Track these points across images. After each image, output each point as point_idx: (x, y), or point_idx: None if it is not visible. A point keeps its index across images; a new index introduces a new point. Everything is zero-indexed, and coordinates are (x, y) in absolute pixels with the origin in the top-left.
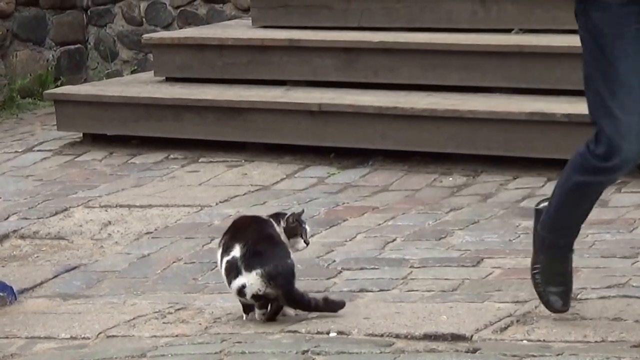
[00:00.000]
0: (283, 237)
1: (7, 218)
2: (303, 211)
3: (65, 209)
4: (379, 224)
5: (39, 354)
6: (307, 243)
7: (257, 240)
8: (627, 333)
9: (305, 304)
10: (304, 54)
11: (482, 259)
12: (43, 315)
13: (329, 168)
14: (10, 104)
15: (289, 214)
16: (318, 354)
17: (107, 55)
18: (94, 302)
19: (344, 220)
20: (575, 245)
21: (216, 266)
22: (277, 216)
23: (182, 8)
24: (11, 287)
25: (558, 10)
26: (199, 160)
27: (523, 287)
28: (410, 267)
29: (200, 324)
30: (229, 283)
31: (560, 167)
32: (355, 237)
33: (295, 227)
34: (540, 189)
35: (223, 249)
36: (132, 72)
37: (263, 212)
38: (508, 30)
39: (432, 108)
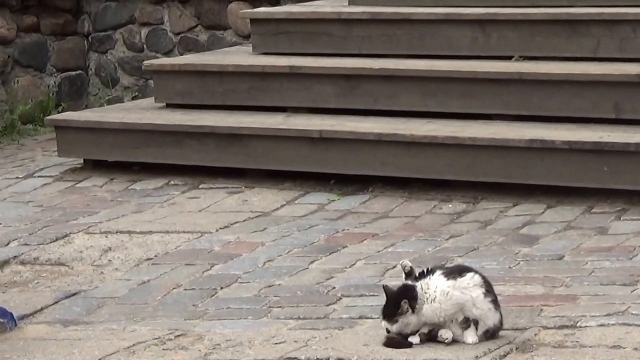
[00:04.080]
0: None
1: (8, 244)
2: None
3: (66, 235)
4: (379, 251)
5: None
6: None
7: None
8: None
9: None
10: (304, 81)
11: None
12: (43, 341)
13: (329, 194)
14: (11, 129)
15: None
16: None
17: (108, 82)
18: (94, 328)
19: (344, 247)
20: (575, 273)
21: (216, 293)
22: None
23: (182, 34)
24: (11, 313)
25: (558, 37)
26: (200, 187)
27: (522, 314)
28: None
29: (199, 350)
30: None
31: (559, 194)
32: (355, 263)
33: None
34: (540, 215)
35: None
36: (133, 98)
37: (263, 238)
38: (508, 57)
39: (432, 135)
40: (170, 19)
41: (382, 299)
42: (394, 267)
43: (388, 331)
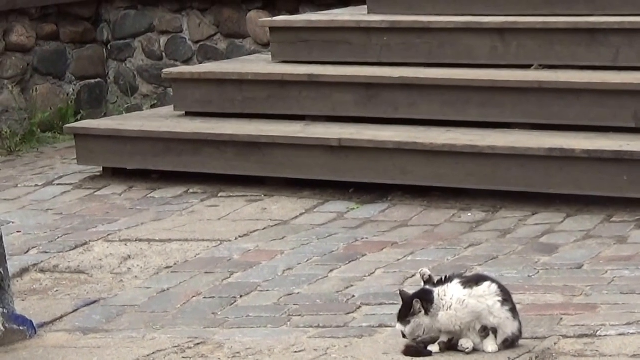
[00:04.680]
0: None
1: (27, 252)
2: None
3: (85, 243)
4: (398, 259)
5: None
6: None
7: None
8: None
9: None
10: (323, 89)
11: None
12: (63, 349)
13: (349, 203)
14: (30, 137)
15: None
16: None
17: (127, 90)
18: (114, 336)
19: (363, 256)
20: (594, 282)
21: (235, 301)
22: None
23: (202, 43)
24: (31, 321)
25: (577, 46)
26: (219, 195)
27: (542, 323)
28: None
29: (219, 358)
30: None
31: (579, 203)
32: (374, 272)
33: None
34: (560, 224)
35: None
36: (152, 106)
37: (282, 247)
38: (527, 66)
39: (452, 144)
40: (189, 28)
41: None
42: (413, 275)
43: (403, 335)
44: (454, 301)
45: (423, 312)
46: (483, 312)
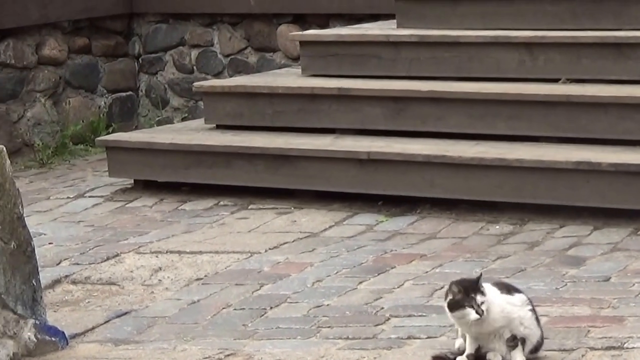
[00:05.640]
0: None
1: (59, 263)
2: (479, 276)
3: (117, 255)
4: (427, 272)
5: None
6: (479, 313)
7: None
8: None
9: None
10: (353, 103)
11: None
12: None
13: (378, 216)
14: (62, 150)
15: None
16: None
17: (158, 103)
18: (145, 347)
19: (392, 268)
20: (621, 294)
21: (265, 313)
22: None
23: (232, 56)
24: (63, 332)
25: (605, 60)
26: (249, 207)
27: (570, 335)
28: None
29: None
30: None
31: (606, 215)
32: (403, 284)
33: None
34: (587, 237)
35: None
36: (183, 119)
37: (312, 259)
38: (555, 80)
39: (480, 157)
40: (220, 41)
41: (430, 319)
42: (442, 287)
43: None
44: (492, 303)
45: (462, 293)
46: (515, 321)
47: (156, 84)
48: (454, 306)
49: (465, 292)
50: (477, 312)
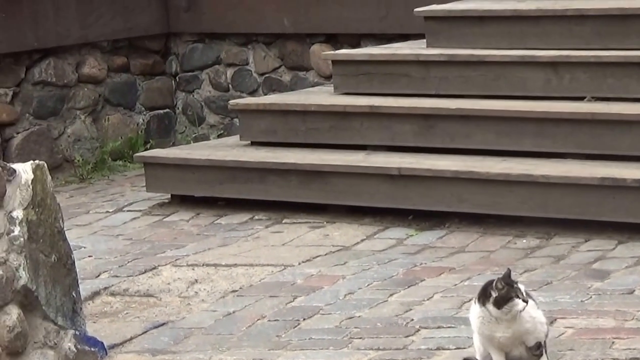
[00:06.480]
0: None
1: (99, 276)
2: (509, 270)
3: (154, 268)
4: (456, 284)
5: None
6: (525, 301)
7: None
8: None
9: None
10: (384, 120)
11: (555, 319)
12: None
13: (408, 230)
14: (101, 165)
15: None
16: None
17: (194, 120)
18: (181, 357)
19: (422, 280)
20: None
21: (299, 324)
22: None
23: (267, 75)
24: (102, 343)
25: (629, 78)
26: (283, 221)
27: (594, 347)
28: None
29: None
30: None
31: (630, 230)
32: (432, 296)
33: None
34: (611, 251)
35: None
36: (219, 136)
37: (344, 272)
38: (580, 98)
39: (507, 172)
40: (255, 60)
41: (459, 331)
42: (470, 300)
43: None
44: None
45: (506, 289)
46: (541, 327)
47: (193, 102)
48: (501, 301)
49: (509, 285)
50: (523, 300)
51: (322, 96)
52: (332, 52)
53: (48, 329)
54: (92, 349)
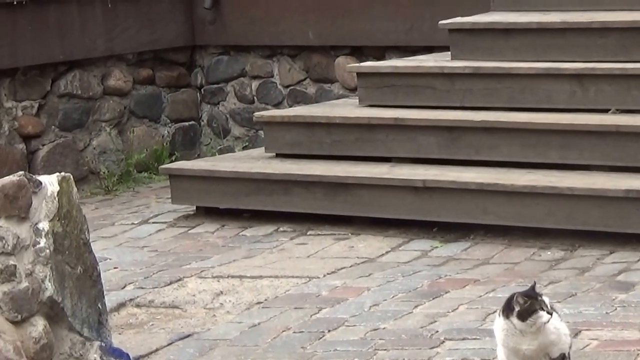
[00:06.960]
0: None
1: (124, 287)
2: (534, 283)
3: (179, 279)
4: (480, 296)
5: None
6: (549, 313)
7: None
8: None
9: None
10: (408, 132)
11: (580, 331)
12: None
13: (432, 242)
14: (127, 177)
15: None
16: None
17: (219, 132)
18: None
19: (447, 292)
20: None
21: (324, 335)
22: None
23: (292, 87)
24: (127, 354)
25: None
26: (308, 233)
27: (619, 358)
28: None
29: None
30: None
31: None
32: (457, 308)
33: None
34: (636, 263)
35: None
36: (244, 148)
37: (369, 283)
38: (605, 111)
39: (532, 185)
40: (280, 73)
41: (484, 342)
42: (495, 311)
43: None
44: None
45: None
46: (565, 339)
47: (218, 114)
48: (525, 314)
49: (533, 297)
50: (548, 312)
51: (347, 108)
52: (357, 64)
53: (74, 340)
54: None
